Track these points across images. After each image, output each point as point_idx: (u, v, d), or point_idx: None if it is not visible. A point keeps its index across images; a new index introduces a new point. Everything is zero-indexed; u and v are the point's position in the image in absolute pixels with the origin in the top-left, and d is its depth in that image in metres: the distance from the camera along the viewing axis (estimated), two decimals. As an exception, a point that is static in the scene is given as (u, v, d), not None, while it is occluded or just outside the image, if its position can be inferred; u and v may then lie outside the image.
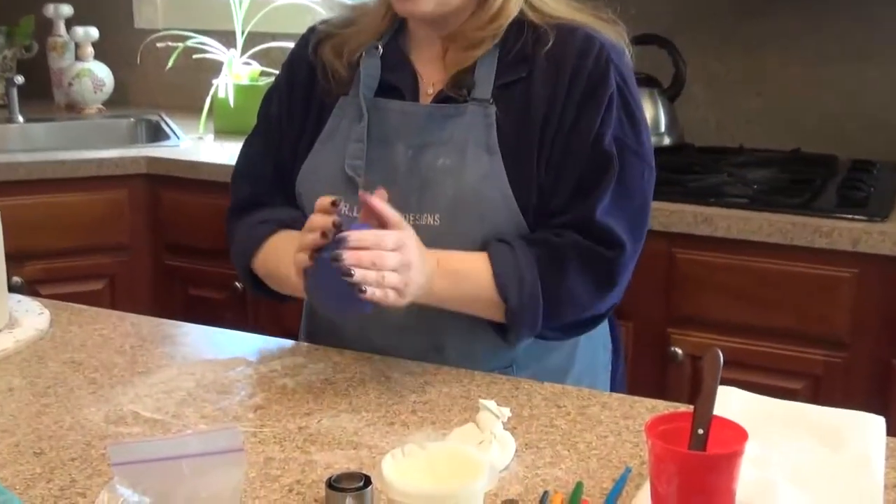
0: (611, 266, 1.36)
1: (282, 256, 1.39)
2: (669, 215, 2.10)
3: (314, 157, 1.45)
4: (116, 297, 2.68)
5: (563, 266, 1.35)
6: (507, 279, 1.33)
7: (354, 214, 1.36)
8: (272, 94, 1.53)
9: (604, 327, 1.54)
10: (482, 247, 1.37)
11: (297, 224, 1.39)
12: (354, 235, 1.23)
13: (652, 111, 2.47)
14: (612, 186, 1.34)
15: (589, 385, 1.45)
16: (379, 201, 1.26)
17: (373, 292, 1.22)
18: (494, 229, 1.36)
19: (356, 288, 1.22)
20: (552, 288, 1.35)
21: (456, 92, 1.39)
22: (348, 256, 1.22)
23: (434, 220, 1.37)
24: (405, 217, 1.35)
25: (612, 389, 1.53)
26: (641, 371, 2.15)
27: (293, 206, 1.49)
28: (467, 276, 1.34)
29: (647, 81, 2.46)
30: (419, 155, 1.39)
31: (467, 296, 1.35)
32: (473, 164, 1.36)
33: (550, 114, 1.35)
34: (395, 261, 1.24)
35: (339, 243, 1.22)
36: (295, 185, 1.47)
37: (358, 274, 1.22)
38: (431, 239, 1.35)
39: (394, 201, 1.37)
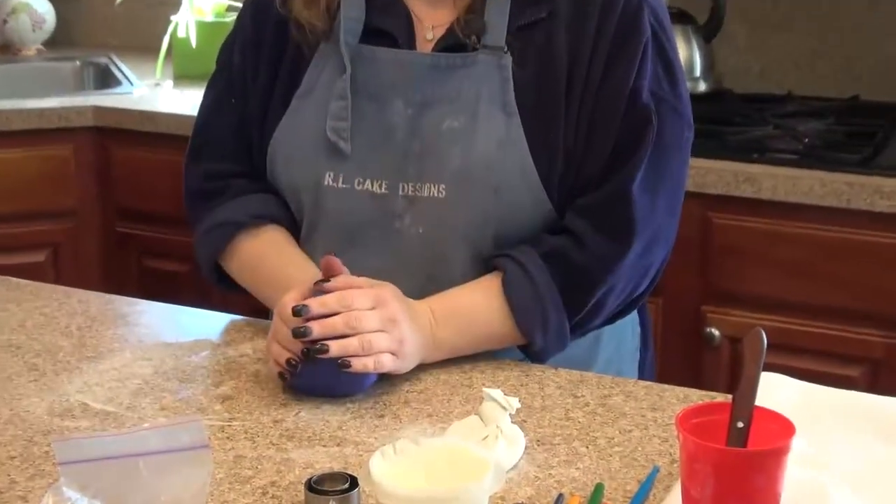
0: (648, 258, 1.37)
1: (265, 279, 1.43)
2: (705, 174, 2.10)
3: (290, 117, 1.43)
4: (61, 270, 2.68)
5: (590, 283, 1.35)
6: (528, 319, 1.34)
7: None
8: (234, 38, 1.50)
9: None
10: (485, 262, 1.37)
11: (263, 220, 1.44)
12: (316, 302, 1.23)
13: (686, 53, 2.47)
14: (649, 151, 1.34)
15: (615, 375, 1.44)
16: (341, 266, 1.27)
17: (362, 363, 1.23)
18: (510, 204, 1.35)
19: (339, 364, 1.22)
20: (578, 308, 1.36)
21: (463, 37, 1.37)
22: (315, 328, 1.22)
23: (437, 191, 1.36)
24: (402, 188, 1.37)
25: (641, 379, 1.53)
26: (672, 356, 2.15)
27: (262, 178, 1.48)
28: (473, 316, 1.35)
29: (680, 17, 2.45)
30: (420, 115, 1.38)
31: (479, 338, 1.36)
32: (486, 126, 1.35)
33: (576, 64, 1.34)
34: (376, 319, 1.24)
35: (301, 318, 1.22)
36: (266, 151, 1.45)
37: (335, 347, 1.22)
38: (434, 215, 1.36)
39: (388, 169, 1.37)
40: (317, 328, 1.22)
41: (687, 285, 2.16)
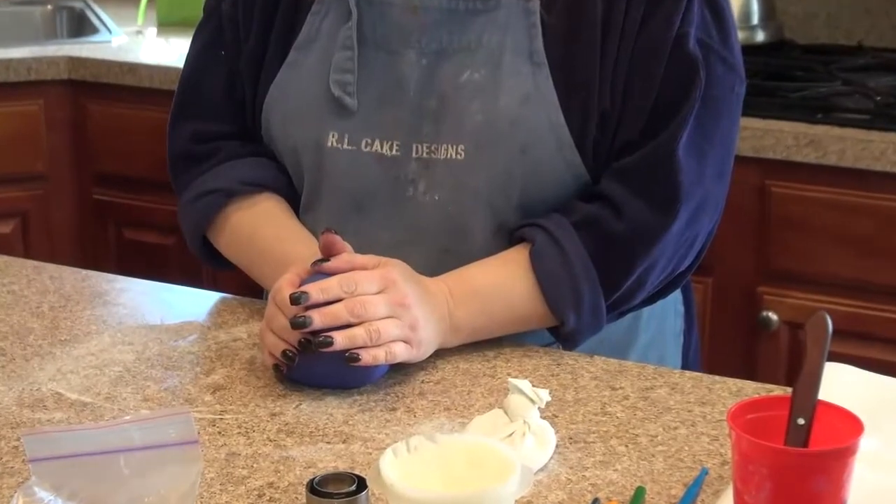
0: (693, 229, 1.36)
1: (258, 255, 1.43)
2: (763, 136, 2.10)
3: (288, 70, 1.43)
4: (31, 243, 2.70)
5: (629, 256, 1.34)
6: (560, 296, 1.34)
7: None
8: None
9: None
10: (509, 233, 1.37)
11: (255, 186, 1.44)
12: (315, 287, 1.23)
13: (740, -3, 2.46)
14: (696, 108, 1.33)
15: (657, 361, 1.46)
16: (343, 243, 1.27)
17: (371, 355, 1.23)
18: (538, 167, 1.35)
19: (346, 357, 1.22)
20: (616, 284, 1.35)
21: None
22: (316, 318, 1.22)
23: (456, 152, 1.36)
24: (415, 149, 1.37)
25: (685, 365, 1.55)
26: (724, 343, 2.16)
27: (256, 140, 1.48)
28: (497, 294, 1.34)
29: (734, -44, 2.44)
30: (436, 66, 1.38)
31: (504, 319, 1.35)
32: (511, 78, 1.35)
33: (613, 8, 1.34)
34: (384, 304, 1.24)
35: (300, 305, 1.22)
36: (261, 109, 1.45)
37: (339, 338, 1.22)
38: (452, 180, 1.36)
39: (399, 128, 1.37)
40: (318, 318, 1.22)
41: (741, 263, 2.16)
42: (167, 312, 1.48)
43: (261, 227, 1.45)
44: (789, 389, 1.00)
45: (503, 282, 1.35)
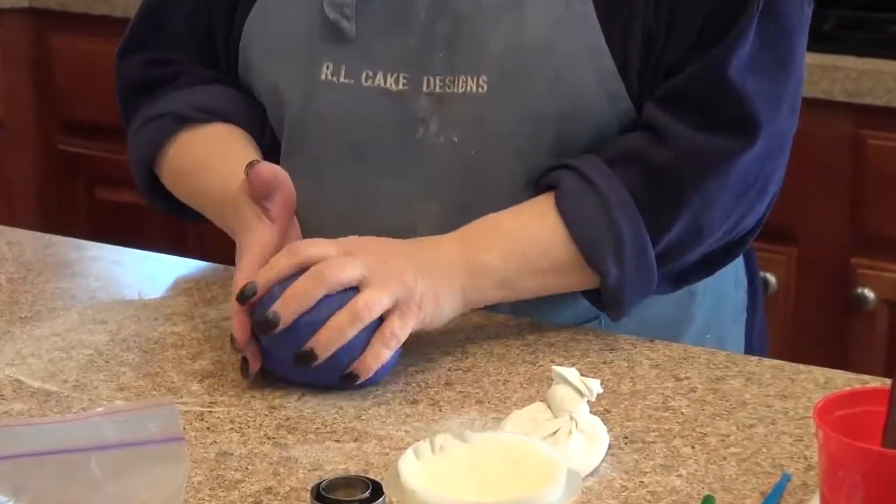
0: (764, 167, 1.36)
1: (202, 188, 1.43)
2: (857, 78, 2.08)
3: None
4: (-16, 202, 2.73)
5: (679, 187, 1.33)
6: (596, 243, 1.32)
7: None
8: None
9: None
10: (538, 180, 1.36)
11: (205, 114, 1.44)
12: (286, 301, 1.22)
13: None
14: (753, 26, 1.33)
15: (715, 344, 1.46)
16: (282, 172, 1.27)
17: (364, 365, 1.22)
18: (575, 100, 1.35)
19: (344, 379, 1.23)
20: (666, 226, 1.34)
21: None
22: (282, 312, 1.21)
23: (476, 85, 1.36)
24: (426, 83, 1.37)
25: (748, 349, 1.55)
26: (810, 325, 2.15)
27: (219, 70, 1.49)
28: (523, 236, 1.33)
29: None
30: None
31: (536, 268, 1.33)
32: None
33: None
34: (353, 266, 1.22)
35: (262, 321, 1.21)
36: (238, 42, 1.45)
37: (317, 347, 1.21)
38: (471, 118, 1.36)
39: (406, 57, 1.37)
40: (284, 312, 1.21)
41: (831, 231, 2.16)
42: (147, 285, 1.48)
43: (210, 158, 1.44)
44: (888, 381, 0.99)
45: (529, 226, 1.34)
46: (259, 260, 1.25)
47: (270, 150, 1.46)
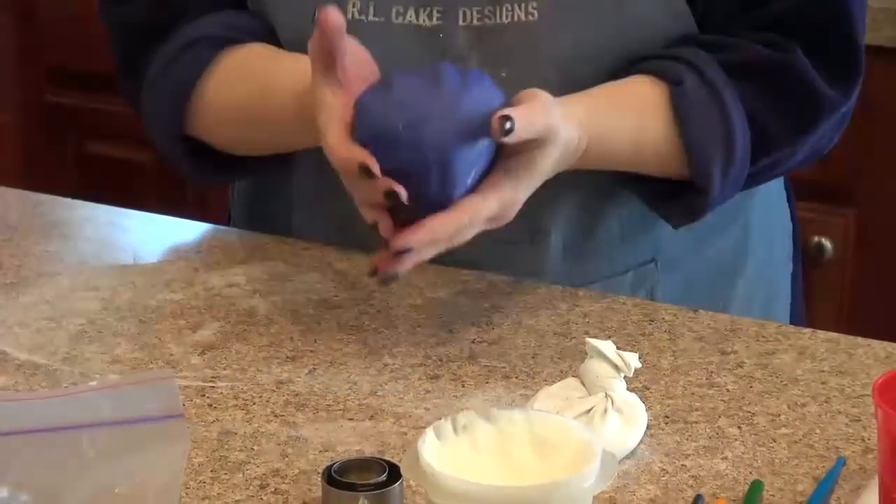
0: (852, 62, 1.37)
1: (260, 91, 1.37)
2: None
3: None
4: (-33, 158, 2.74)
5: (796, 123, 1.35)
6: (707, 151, 1.32)
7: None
8: None
9: (780, 193, 1.58)
10: (640, 64, 1.35)
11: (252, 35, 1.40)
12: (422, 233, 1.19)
13: None
14: None
15: (766, 298, 1.50)
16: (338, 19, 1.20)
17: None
18: (641, 24, 1.34)
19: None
20: (769, 152, 1.36)
21: None
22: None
23: (524, 13, 1.34)
24: (462, 15, 1.34)
25: (793, 304, 1.58)
26: (869, 294, 2.16)
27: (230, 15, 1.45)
28: (627, 102, 1.34)
29: None
30: None
31: (628, 129, 1.33)
32: None
33: None
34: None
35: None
36: None
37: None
38: (521, 50, 1.33)
39: None
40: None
41: (893, 191, 2.16)
42: (142, 248, 1.49)
43: (257, 66, 1.41)
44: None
45: (639, 97, 1.34)
46: (347, 114, 1.22)
47: None
